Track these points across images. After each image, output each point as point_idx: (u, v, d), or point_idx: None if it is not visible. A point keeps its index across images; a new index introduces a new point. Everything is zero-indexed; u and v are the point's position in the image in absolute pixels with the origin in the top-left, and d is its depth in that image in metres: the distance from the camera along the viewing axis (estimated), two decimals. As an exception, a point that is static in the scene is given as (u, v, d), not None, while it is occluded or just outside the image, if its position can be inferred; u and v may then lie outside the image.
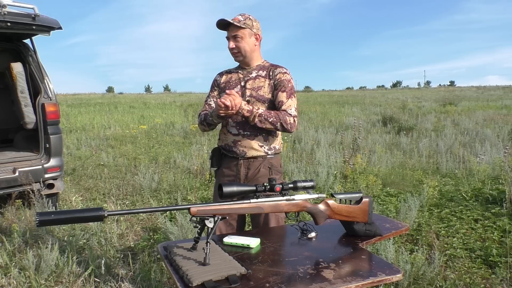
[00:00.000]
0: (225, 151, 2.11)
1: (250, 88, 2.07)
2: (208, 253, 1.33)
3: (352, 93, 38.33)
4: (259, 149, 2.04)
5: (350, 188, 4.81)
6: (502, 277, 2.57)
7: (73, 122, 12.93)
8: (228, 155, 2.10)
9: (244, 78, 2.10)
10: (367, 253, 1.49)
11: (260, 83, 2.07)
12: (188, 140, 9.20)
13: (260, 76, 2.09)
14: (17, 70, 3.95)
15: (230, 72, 2.18)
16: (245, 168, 2.06)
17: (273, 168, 2.08)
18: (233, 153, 2.07)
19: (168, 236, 3.18)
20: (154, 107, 19.40)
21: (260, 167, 2.06)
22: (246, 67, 2.13)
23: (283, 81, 2.05)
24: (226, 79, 2.16)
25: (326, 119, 12.61)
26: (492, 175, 4.95)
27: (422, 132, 9.13)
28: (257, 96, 2.04)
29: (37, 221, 1.24)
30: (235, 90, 2.07)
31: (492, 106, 16.48)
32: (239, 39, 2.02)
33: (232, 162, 2.08)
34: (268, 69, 2.10)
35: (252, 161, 2.05)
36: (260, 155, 2.05)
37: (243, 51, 2.05)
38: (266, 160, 2.07)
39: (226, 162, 2.12)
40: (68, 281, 2.60)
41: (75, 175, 5.85)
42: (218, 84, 2.19)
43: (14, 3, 3.51)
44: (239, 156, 2.05)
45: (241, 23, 2.01)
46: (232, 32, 2.03)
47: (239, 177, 2.06)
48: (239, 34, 2.02)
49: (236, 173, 2.07)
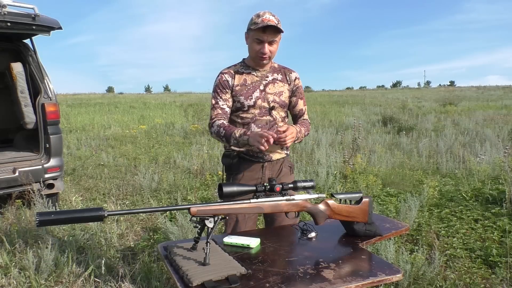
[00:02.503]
0: (248, 156, 2.02)
1: (271, 93, 2.00)
2: (208, 253, 1.33)
3: (352, 93, 38.32)
4: (281, 151, 2.06)
5: (350, 188, 4.80)
6: (502, 277, 2.57)
7: (73, 122, 12.93)
8: (252, 160, 2.02)
9: (262, 81, 2.01)
10: (367, 253, 1.49)
11: (280, 88, 2.02)
12: (188, 140, 9.20)
13: (277, 80, 2.03)
14: (17, 70, 3.95)
15: (241, 73, 2.01)
16: (269, 170, 2.04)
17: (292, 167, 2.15)
18: (257, 158, 2.01)
19: (168, 236, 3.18)
20: (154, 107, 19.38)
21: (282, 167, 2.08)
22: (260, 68, 2.02)
23: (300, 87, 2.08)
24: (240, 81, 1.99)
25: (326, 119, 12.60)
26: (492, 175, 4.95)
27: (422, 132, 9.13)
28: (280, 102, 2.01)
29: (37, 221, 1.24)
30: (255, 94, 1.97)
31: (492, 106, 16.48)
32: (274, 44, 1.92)
33: (256, 166, 2.02)
34: (282, 73, 2.05)
35: (275, 163, 2.06)
36: (283, 156, 2.08)
37: (273, 56, 1.97)
38: (286, 160, 2.10)
39: (248, 166, 2.02)
40: (68, 281, 2.60)
41: (75, 175, 5.85)
42: (230, 85, 1.98)
43: (14, 3, 3.52)
44: (265, 160, 2.02)
45: (280, 26, 1.87)
46: (271, 36, 1.88)
47: (264, 180, 2.02)
48: (277, 39, 1.91)
49: (262, 176, 2.02)
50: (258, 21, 1.84)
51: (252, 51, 1.95)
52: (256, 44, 1.90)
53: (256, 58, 1.95)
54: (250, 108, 1.98)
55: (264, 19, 1.83)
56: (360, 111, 15.62)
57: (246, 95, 1.97)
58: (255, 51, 1.92)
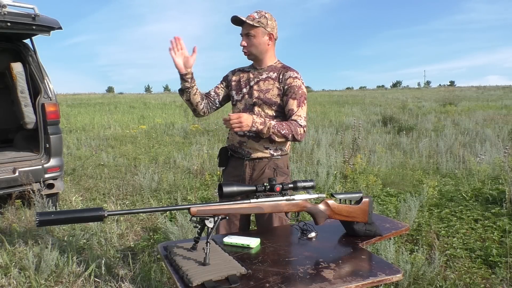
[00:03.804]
0: (232, 151, 2.11)
1: (258, 90, 2.02)
2: (208, 253, 1.33)
3: (352, 93, 38.33)
4: (264, 150, 2.02)
5: (350, 188, 4.80)
6: (502, 277, 2.57)
7: (73, 122, 12.93)
8: (235, 155, 2.09)
9: (254, 78, 2.05)
10: (367, 253, 1.49)
11: (268, 86, 2.02)
12: (188, 140, 9.20)
13: (270, 78, 2.03)
14: (17, 70, 3.95)
15: (243, 71, 2.13)
16: (250, 169, 2.04)
17: (278, 169, 2.04)
18: (239, 154, 2.06)
19: (168, 236, 3.18)
20: (154, 107, 19.39)
21: (265, 168, 2.03)
22: (258, 67, 2.07)
23: (293, 87, 1.98)
24: (237, 78, 2.11)
25: (326, 119, 12.61)
26: (492, 175, 4.95)
27: (422, 132, 9.13)
28: (264, 99, 2.00)
29: (37, 221, 1.24)
30: (244, 90, 2.06)
31: (492, 106, 16.47)
32: (251, 38, 1.97)
33: (238, 163, 2.07)
34: (278, 71, 2.05)
35: (257, 162, 2.03)
36: (266, 156, 2.03)
37: (254, 50, 2.00)
38: (272, 161, 2.04)
39: (232, 162, 2.11)
40: (68, 281, 2.60)
41: (75, 175, 5.85)
42: (228, 80, 2.14)
43: (14, 3, 3.52)
44: (245, 157, 2.04)
45: (255, 21, 1.94)
46: (245, 29, 1.97)
47: (243, 178, 2.04)
48: (252, 32, 1.96)
49: (241, 174, 2.04)
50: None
51: None
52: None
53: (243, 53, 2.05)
54: (237, 102, 2.08)
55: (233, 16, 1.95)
56: (360, 111, 15.62)
57: (237, 90, 2.09)
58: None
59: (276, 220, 2.02)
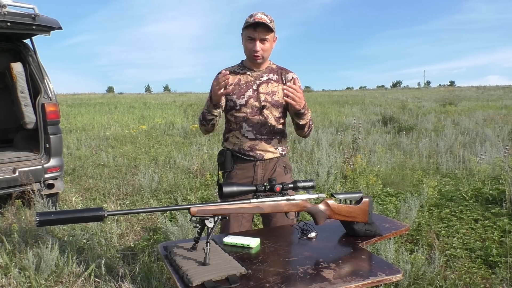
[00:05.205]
0: (240, 155, 2.04)
1: (264, 92, 2.01)
2: (208, 253, 1.33)
3: (352, 93, 38.31)
4: (274, 151, 2.04)
5: (350, 188, 4.81)
6: (502, 277, 2.57)
7: (73, 122, 12.93)
8: (243, 158, 2.04)
9: (256, 81, 2.02)
10: (367, 253, 1.49)
11: (273, 88, 2.02)
12: (188, 140, 9.20)
13: (272, 80, 2.03)
14: (17, 70, 3.95)
15: (236, 73, 2.05)
16: (262, 169, 2.03)
17: (287, 167, 2.10)
18: (250, 157, 2.02)
19: (168, 236, 3.18)
20: (154, 107, 19.38)
21: (276, 167, 2.05)
22: (256, 69, 2.04)
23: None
24: (234, 81, 2.03)
25: (326, 119, 12.60)
26: (492, 175, 4.95)
27: (422, 132, 9.13)
28: (272, 102, 2.00)
29: (37, 221, 1.24)
30: (247, 94, 2.01)
31: (492, 106, 16.47)
32: (265, 42, 1.92)
33: (248, 165, 2.03)
34: (278, 73, 2.05)
35: (268, 162, 2.04)
36: (276, 156, 2.05)
37: (266, 55, 1.98)
38: (280, 160, 2.08)
39: (239, 164, 2.05)
40: (68, 281, 2.60)
41: (75, 175, 5.85)
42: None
43: (14, 3, 3.52)
44: (257, 159, 2.02)
45: (271, 25, 1.89)
46: (262, 34, 1.90)
47: (256, 179, 2.03)
48: (268, 38, 1.92)
49: (254, 175, 2.03)
50: (250, 20, 1.90)
51: (246, 50, 1.99)
52: (249, 43, 1.94)
53: (250, 57, 1.98)
54: (242, 107, 2.01)
55: (256, 18, 1.88)
56: (360, 111, 15.62)
57: (238, 94, 2.01)
58: (249, 49, 1.95)
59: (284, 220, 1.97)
